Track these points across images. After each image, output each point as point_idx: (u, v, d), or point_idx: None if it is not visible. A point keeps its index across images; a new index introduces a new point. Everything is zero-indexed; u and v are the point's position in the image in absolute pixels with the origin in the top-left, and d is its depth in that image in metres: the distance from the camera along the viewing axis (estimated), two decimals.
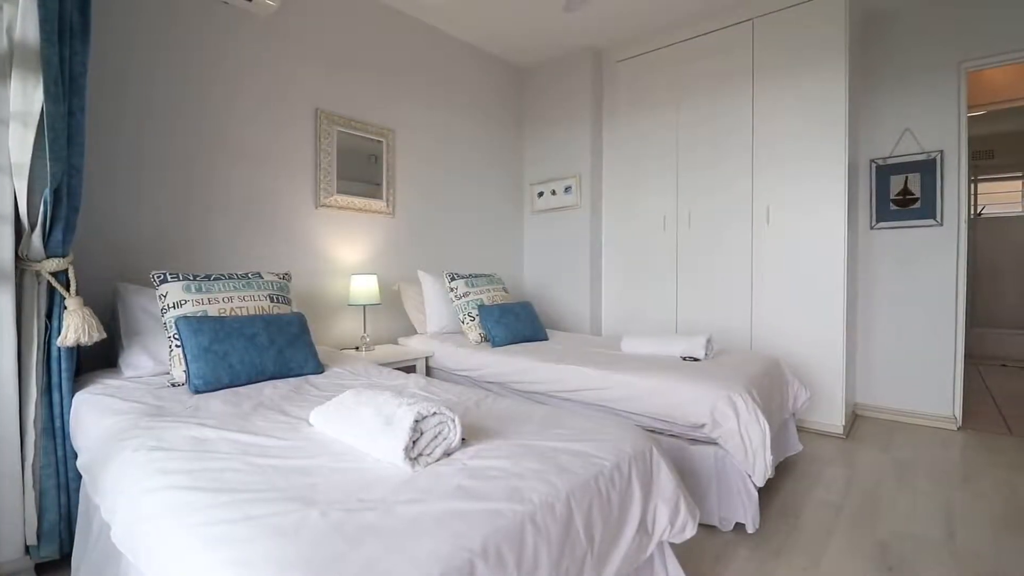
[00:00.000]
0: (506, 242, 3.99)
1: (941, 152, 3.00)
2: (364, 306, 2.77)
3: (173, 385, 1.72)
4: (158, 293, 1.84)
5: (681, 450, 1.89)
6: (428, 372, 2.80)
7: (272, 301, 2.04)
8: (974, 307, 5.33)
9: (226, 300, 1.91)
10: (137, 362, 1.82)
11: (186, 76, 2.25)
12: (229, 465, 1.07)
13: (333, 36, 2.81)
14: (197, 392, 1.66)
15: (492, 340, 2.72)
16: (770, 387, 2.09)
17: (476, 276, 3.05)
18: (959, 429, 2.91)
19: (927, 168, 3.02)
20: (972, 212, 5.64)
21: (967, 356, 3.14)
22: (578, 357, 2.37)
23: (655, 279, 3.52)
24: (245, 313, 1.93)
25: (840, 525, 1.84)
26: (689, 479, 1.83)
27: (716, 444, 1.82)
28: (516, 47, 3.72)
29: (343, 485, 0.98)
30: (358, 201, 2.93)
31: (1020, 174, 5.66)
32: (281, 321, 1.93)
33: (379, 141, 3.04)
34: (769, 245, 3.02)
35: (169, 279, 1.86)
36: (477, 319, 2.82)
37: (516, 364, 2.41)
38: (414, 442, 1.07)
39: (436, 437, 1.11)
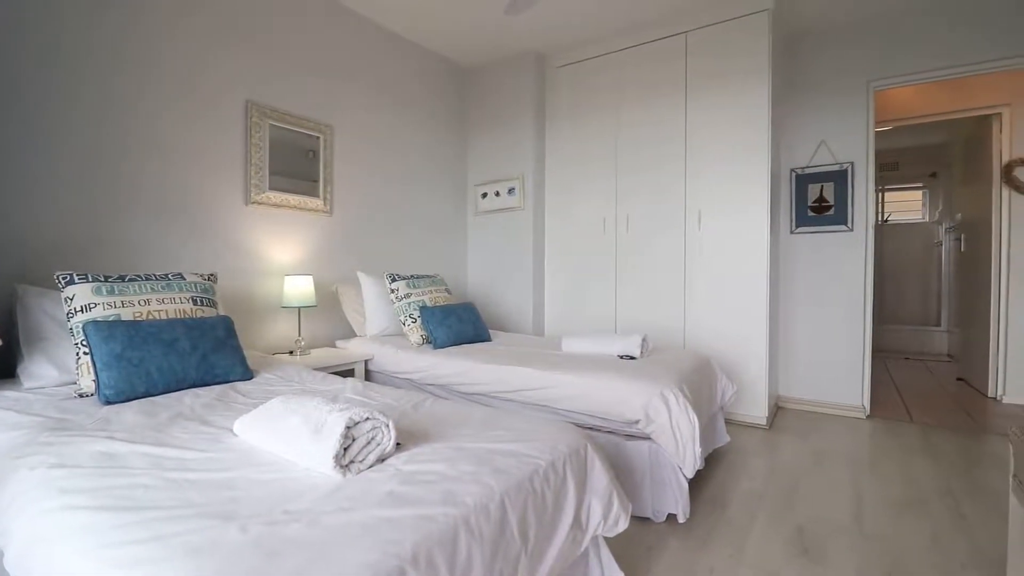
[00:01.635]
0: (449, 243, 3.96)
1: (852, 163, 3.26)
2: (299, 308, 2.66)
3: (80, 396, 1.59)
4: (64, 296, 1.68)
5: (617, 446, 1.94)
6: (367, 376, 2.73)
7: (195, 304, 1.92)
8: (881, 305, 5.83)
9: (142, 303, 1.78)
10: (39, 371, 1.66)
11: (91, 58, 2.07)
12: (140, 481, 1.00)
13: (265, 25, 2.69)
14: (108, 403, 1.53)
15: (434, 342, 2.69)
16: (700, 383, 2.20)
17: (418, 277, 3.00)
18: (867, 418, 3.18)
19: (840, 178, 3.28)
20: (879, 219, 6.18)
21: (874, 350, 3.43)
22: (520, 358, 2.39)
23: (596, 280, 3.61)
24: (164, 317, 1.80)
25: (762, 512, 1.96)
26: (625, 474, 1.89)
27: (650, 439, 1.88)
28: (460, 47, 3.70)
29: (267, 497, 0.93)
30: (293, 199, 2.81)
31: (921, 184, 6.25)
32: (205, 325, 1.82)
33: (316, 137, 2.93)
34: (701, 248, 3.17)
35: (77, 280, 1.71)
36: (419, 321, 2.78)
37: (458, 366, 2.40)
38: (345, 449, 1.04)
39: (369, 443, 1.08)
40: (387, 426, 1.10)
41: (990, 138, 3.72)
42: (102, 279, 1.76)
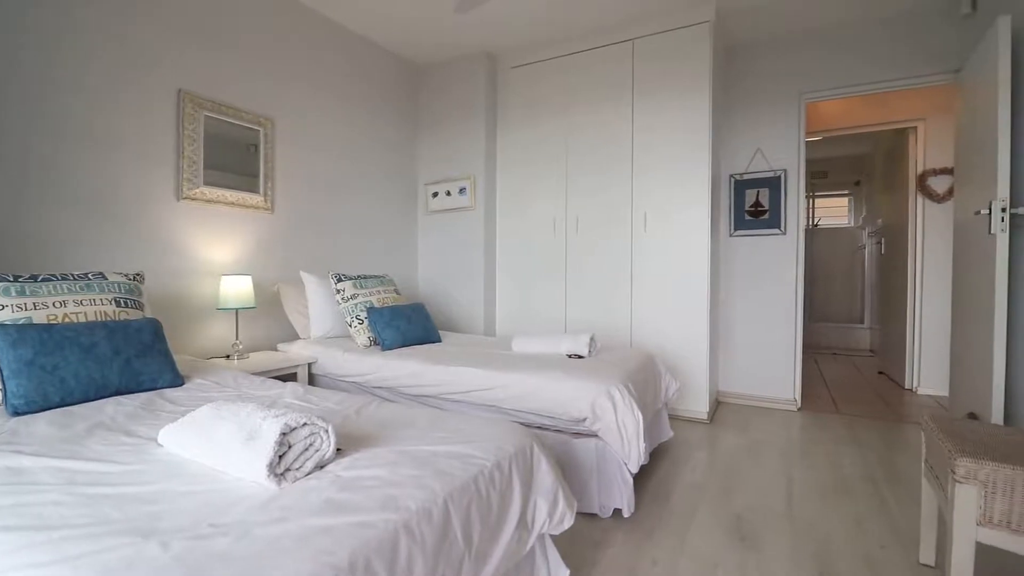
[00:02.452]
0: (399, 242, 3.89)
1: (785, 171, 3.45)
2: (236, 310, 2.53)
3: None
4: None
5: (565, 444, 1.96)
6: (311, 380, 2.64)
7: (118, 305, 1.79)
8: (812, 304, 6.21)
9: (57, 305, 1.64)
10: None
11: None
12: (49, 498, 0.92)
13: (201, 9, 2.54)
14: (17, 414, 1.41)
15: (382, 344, 2.63)
16: (645, 380, 2.26)
17: (365, 277, 2.93)
18: (799, 410, 3.37)
19: (774, 184, 3.46)
20: (810, 223, 6.57)
21: (806, 347, 3.65)
22: (470, 358, 2.37)
23: (546, 280, 3.64)
24: (83, 319, 1.67)
25: (703, 502, 2.03)
26: (572, 471, 1.92)
27: (597, 436, 1.92)
28: (411, 44, 3.64)
29: (193, 510, 0.88)
30: (230, 194, 2.67)
31: (847, 192, 6.70)
32: (129, 328, 1.70)
33: (256, 130, 2.80)
34: (646, 249, 3.26)
35: None
36: (366, 322, 2.71)
37: (407, 368, 2.36)
38: (280, 457, 1.00)
39: (307, 449, 1.04)
40: (326, 431, 1.06)
41: (907, 149, 4.04)
42: (10, 279, 1.61)
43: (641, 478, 2.21)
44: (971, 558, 1.25)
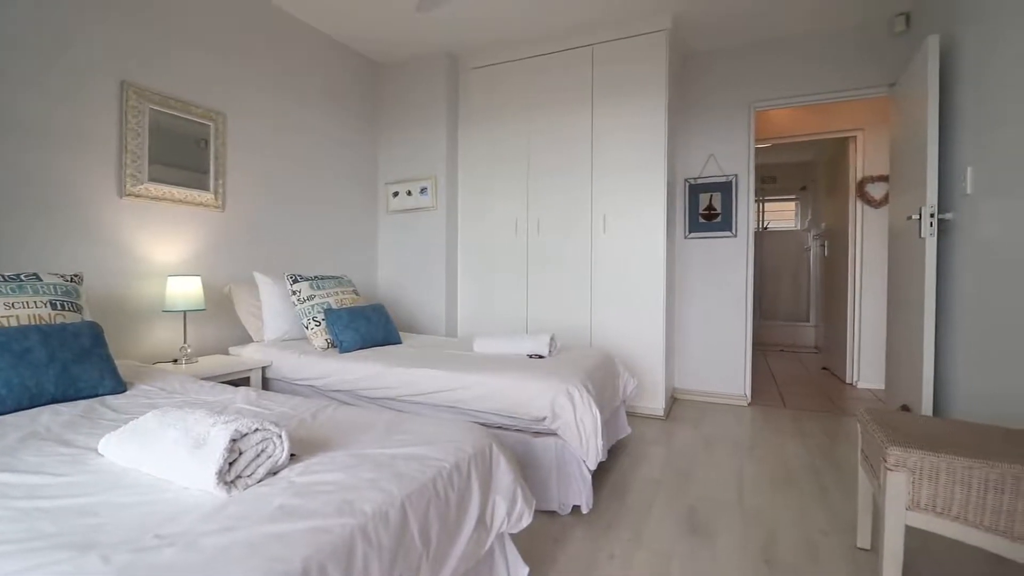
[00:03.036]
0: (358, 242, 3.82)
1: (736, 176, 3.60)
2: (184, 312, 2.43)
3: None
4: None
5: (526, 443, 1.98)
6: (265, 384, 2.56)
7: (54, 308, 1.69)
8: (761, 303, 6.48)
9: None
10: None
11: None
12: None
13: None
14: None
15: (340, 346, 2.58)
16: (603, 379, 2.31)
17: (322, 278, 2.86)
18: (749, 405, 3.52)
19: (726, 188, 3.60)
20: (760, 226, 6.86)
21: (756, 344, 3.81)
22: (431, 360, 2.36)
23: (508, 281, 3.66)
24: (14, 323, 1.57)
25: (659, 497, 2.10)
26: (532, 470, 1.94)
27: (556, 435, 1.95)
28: (372, 42, 3.59)
29: (136, 521, 0.84)
30: (178, 191, 2.56)
31: (794, 196, 7.03)
32: (66, 332, 1.61)
33: (207, 125, 2.70)
34: (606, 250, 3.33)
35: None
36: (323, 324, 2.65)
37: (366, 370, 2.32)
38: (230, 464, 0.97)
39: (259, 456, 1.02)
40: (279, 436, 1.04)
41: (847, 157, 4.28)
42: None
43: (600, 475, 2.26)
44: (901, 540, 1.34)
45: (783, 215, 7.13)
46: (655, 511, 1.97)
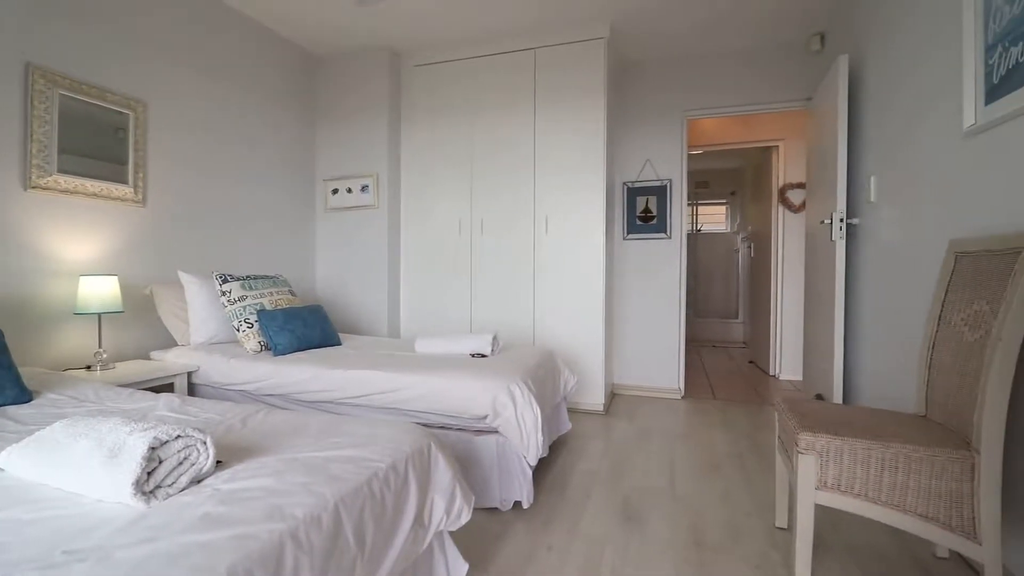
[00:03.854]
0: (295, 241, 3.69)
1: (671, 180, 3.77)
2: (99, 315, 2.26)
3: None
4: None
5: (468, 442, 2.00)
6: (192, 391, 2.43)
7: None
8: (695, 302, 6.81)
9: None
10: None
11: None
12: None
13: None
14: None
15: (275, 348, 2.49)
16: (544, 376, 2.36)
17: (255, 278, 2.75)
18: (682, 398, 3.70)
19: (661, 192, 3.77)
20: (694, 228, 7.21)
21: (690, 341, 4.01)
22: (371, 361, 2.32)
23: (452, 280, 3.66)
24: None
25: (596, 488, 2.17)
26: (474, 468, 1.95)
27: (497, 432, 1.97)
28: (309, 33, 3.47)
29: (43, 538, 0.79)
30: (92, 184, 2.38)
31: (725, 201, 7.43)
32: None
33: (125, 114, 2.52)
34: (548, 250, 3.40)
35: None
36: (256, 326, 2.54)
37: (301, 373, 2.25)
38: (149, 473, 0.92)
39: (181, 464, 0.97)
40: (204, 443, 1.00)
41: (770, 165, 4.58)
42: None
43: (540, 470, 2.30)
44: (811, 518, 1.46)
45: (715, 218, 7.52)
46: (592, 502, 2.04)
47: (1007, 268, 1.35)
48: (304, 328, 2.61)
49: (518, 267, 3.48)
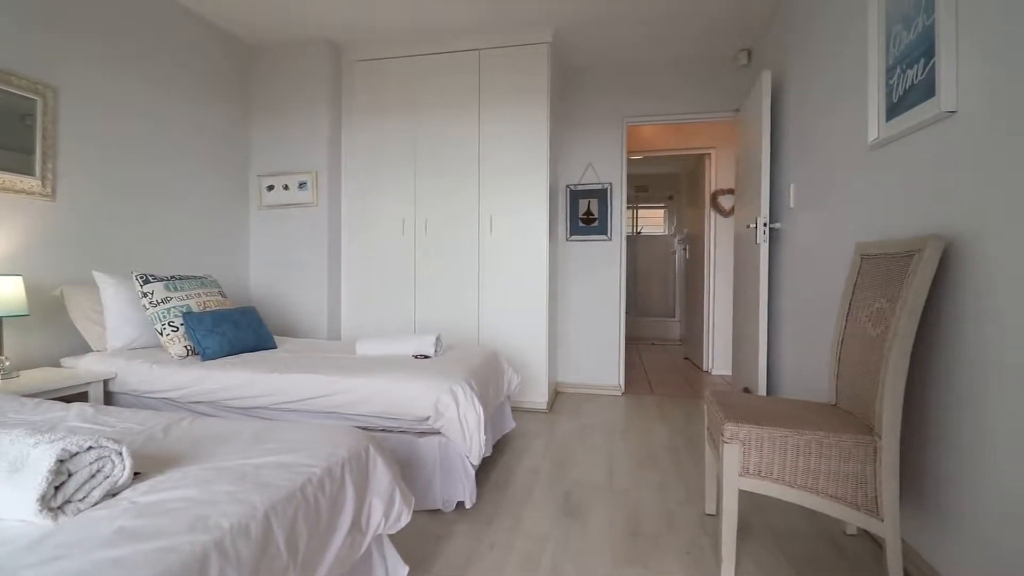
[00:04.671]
0: (226, 239, 3.50)
1: (611, 184, 3.89)
2: (0, 318, 2.05)
3: None
4: None
5: (410, 444, 1.98)
6: (109, 399, 2.26)
7: None
8: (635, 301, 7.06)
9: None
10: None
11: None
12: None
13: None
14: None
15: (203, 353, 2.35)
16: (488, 376, 2.37)
17: (180, 278, 2.59)
18: (622, 394, 3.83)
19: (602, 195, 3.88)
20: (634, 231, 7.47)
21: (630, 339, 4.15)
22: (308, 364, 2.25)
23: (395, 281, 3.60)
24: None
25: (538, 485, 2.21)
26: (416, 469, 1.94)
27: (440, 433, 1.96)
28: (243, 20, 3.30)
29: None
30: None
31: (663, 204, 7.74)
32: None
33: (32, 100, 2.31)
34: (492, 251, 3.42)
35: None
36: (181, 329, 2.40)
37: (232, 378, 2.14)
38: (57, 488, 0.85)
39: (94, 476, 0.91)
40: (119, 454, 0.94)
41: (704, 172, 4.83)
42: None
43: (484, 469, 2.32)
44: (735, 503, 1.55)
45: (654, 221, 7.83)
46: (534, 499, 2.08)
47: (903, 269, 1.49)
48: (236, 331, 2.49)
49: (462, 267, 3.47)
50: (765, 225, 2.88)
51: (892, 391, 1.43)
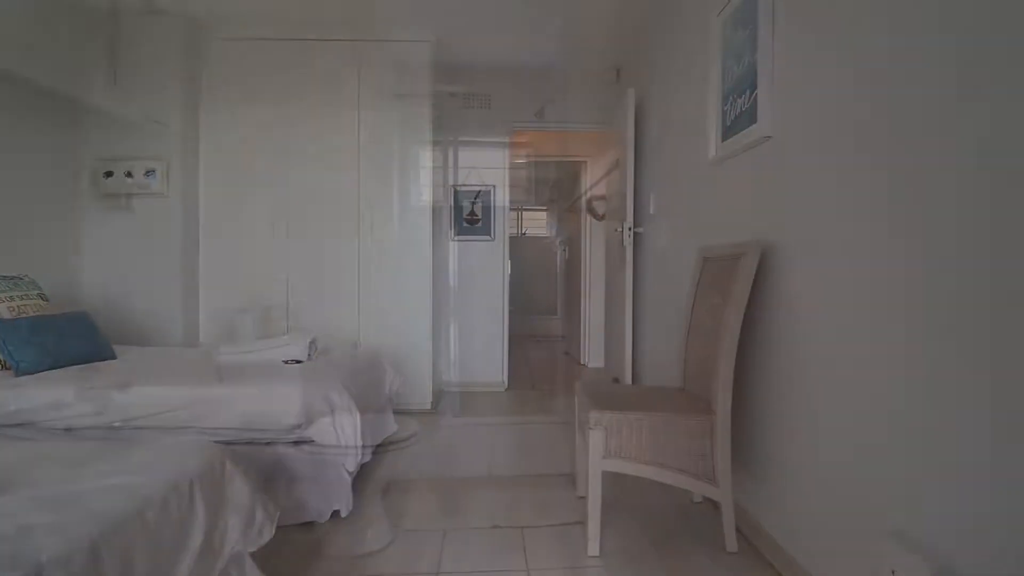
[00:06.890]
0: (48, 232, 2.98)
1: (495, 186, 3.98)
2: None
3: None
4: None
5: (279, 455, 1.86)
6: None
7: None
8: (520, 300, 7.29)
9: None
10: None
11: None
12: None
13: None
14: None
15: (16, 367, 1.99)
16: (368, 380, 2.31)
17: None
18: (506, 390, 3.95)
19: (486, 197, 3.96)
20: (519, 232, 7.72)
21: (515, 336, 4.28)
22: (155, 376, 2.01)
23: (266, 282, 3.33)
24: None
25: (419, 487, 2.20)
26: (288, 482, 1.83)
27: (313, 442, 1.87)
28: None
29: None
30: None
31: (545, 207, 8.09)
32: None
33: None
34: (374, 251, 3.32)
35: None
36: None
37: (51, 396, 1.83)
38: None
39: None
40: None
41: (581, 178, 5.14)
42: None
43: (363, 475, 2.24)
44: (599, 483, 1.69)
45: (538, 223, 8.15)
46: (413, 500, 2.07)
47: (732, 270, 1.74)
48: (59, 341, 2.13)
49: (342, 267, 3.32)
50: (630, 229, 3.15)
51: (723, 375, 1.66)
